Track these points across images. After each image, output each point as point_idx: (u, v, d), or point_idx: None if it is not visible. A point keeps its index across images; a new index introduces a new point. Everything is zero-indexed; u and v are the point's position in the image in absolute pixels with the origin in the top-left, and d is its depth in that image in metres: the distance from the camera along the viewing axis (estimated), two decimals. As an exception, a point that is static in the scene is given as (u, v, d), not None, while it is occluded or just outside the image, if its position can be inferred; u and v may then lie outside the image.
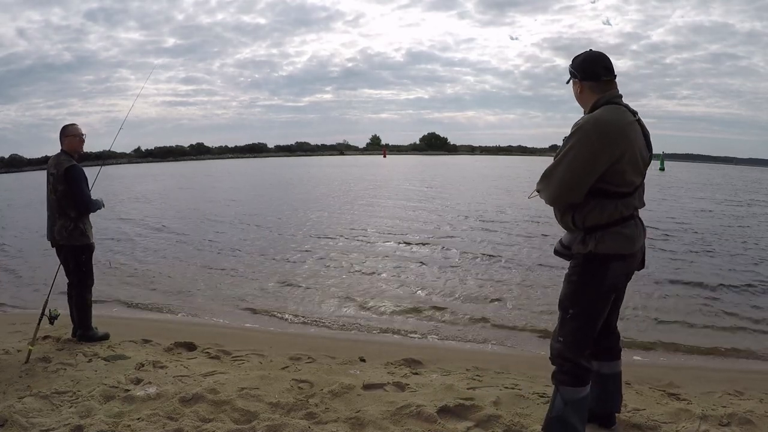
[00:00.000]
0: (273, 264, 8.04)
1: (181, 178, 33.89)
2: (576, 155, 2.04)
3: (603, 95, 2.14)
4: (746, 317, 5.40)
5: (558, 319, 2.25)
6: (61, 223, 3.95)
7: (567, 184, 2.08)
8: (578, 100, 2.26)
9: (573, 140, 2.06)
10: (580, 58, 2.22)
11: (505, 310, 5.69)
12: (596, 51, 2.22)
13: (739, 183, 32.37)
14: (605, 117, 2.06)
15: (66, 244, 3.99)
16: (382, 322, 5.36)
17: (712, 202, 18.07)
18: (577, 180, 2.06)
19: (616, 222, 2.09)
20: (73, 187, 3.89)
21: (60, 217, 3.95)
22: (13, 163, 66.98)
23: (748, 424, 2.66)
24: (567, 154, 2.07)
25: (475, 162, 62.18)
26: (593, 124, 2.05)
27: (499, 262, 8.00)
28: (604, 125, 2.03)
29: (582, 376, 2.19)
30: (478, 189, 22.43)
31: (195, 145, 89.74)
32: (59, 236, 3.97)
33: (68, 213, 3.93)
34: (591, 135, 2.02)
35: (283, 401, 2.90)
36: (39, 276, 7.52)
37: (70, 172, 3.89)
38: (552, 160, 2.19)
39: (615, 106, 2.12)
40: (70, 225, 3.94)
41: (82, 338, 4.09)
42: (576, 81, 2.23)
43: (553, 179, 2.11)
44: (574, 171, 2.05)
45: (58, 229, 3.96)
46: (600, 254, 2.09)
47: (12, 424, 2.59)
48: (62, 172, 3.88)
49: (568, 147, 2.07)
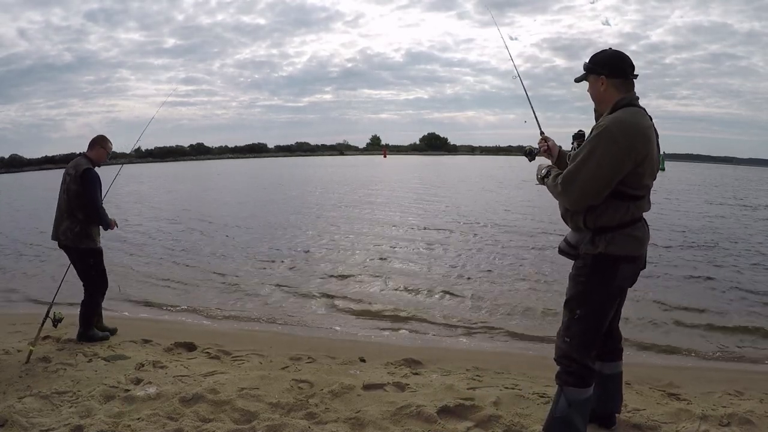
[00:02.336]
0: (272, 265, 8.03)
1: (172, 178, 33.87)
2: (600, 160, 1.98)
3: (626, 96, 2.11)
4: (746, 317, 5.39)
5: (564, 319, 2.23)
6: (67, 224, 3.95)
7: (592, 189, 2.02)
8: (597, 97, 2.19)
9: (597, 142, 2.01)
10: (605, 55, 2.16)
11: (505, 310, 5.67)
12: (618, 50, 2.17)
13: (739, 184, 32.34)
14: (630, 120, 2.03)
15: (70, 245, 3.99)
16: (382, 322, 5.35)
17: (714, 202, 18.08)
18: (603, 184, 2.01)
19: (627, 224, 2.08)
20: (87, 189, 3.92)
21: (67, 218, 3.95)
22: (13, 163, 67.01)
23: (748, 424, 2.66)
24: (590, 158, 2.01)
25: (475, 162, 62.18)
26: (619, 127, 1.99)
27: (500, 262, 8.00)
28: (630, 128, 2.00)
29: (587, 377, 2.18)
30: (479, 189, 22.42)
31: (195, 146, 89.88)
32: (64, 237, 3.97)
33: (76, 214, 3.94)
34: (618, 139, 1.98)
35: (283, 401, 2.90)
36: (39, 277, 7.53)
37: (87, 174, 3.93)
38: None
39: (637, 109, 2.10)
40: (76, 227, 3.94)
41: (82, 337, 4.09)
42: (598, 78, 2.15)
43: (577, 184, 2.04)
44: (599, 177, 2.00)
45: (63, 230, 3.97)
46: (611, 255, 2.08)
47: (12, 424, 2.59)
48: (80, 172, 3.92)
49: (591, 149, 2.01)
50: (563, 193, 2.11)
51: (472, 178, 30.85)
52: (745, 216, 14.21)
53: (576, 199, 2.09)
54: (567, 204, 2.15)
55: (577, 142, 2.60)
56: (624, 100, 2.10)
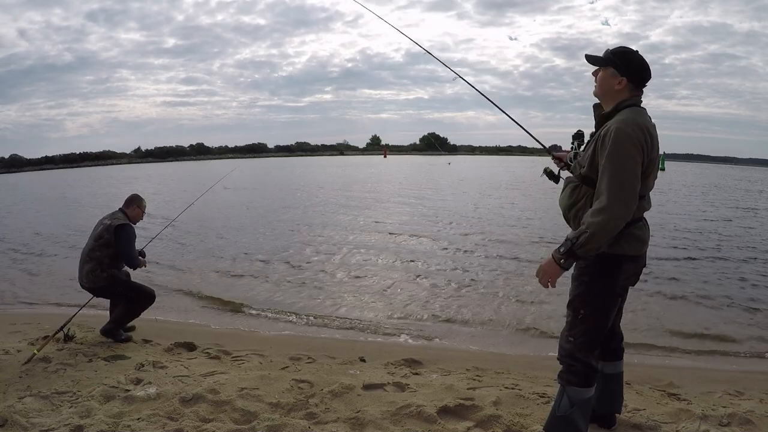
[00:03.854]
0: (271, 265, 8.02)
1: (161, 178, 33.91)
2: (624, 162, 1.94)
3: (631, 97, 2.12)
4: (747, 317, 5.40)
5: (568, 319, 2.24)
6: (90, 267, 4.10)
7: (630, 193, 1.95)
8: (607, 91, 2.15)
9: (615, 147, 1.95)
10: (634, 58, 2.12)
11: (505, 310, 5.68)
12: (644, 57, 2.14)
13: (742, 184, 32.34)
14: (638, 120, 2.03)
15: (93, 286, 4.15)
16: (382, 322, 5.36)
17: (714, 203, 18.07)
18: (636, 184, 1.97)
19: (629, 224, 2.07)
20: (122, 244, 4.12)
21: (90, 261, 4.11)
22: (14, 163, 67.01)
23: (748, 424, 2.66)
24: (615, 165, 1.95)
25: (475, 162, 62.17)
26: (633, 127, 1.97)
27: (500, 262, 7.99)
28: (640, 127, 2.00)
29: (590, 377, 2.19)
30: (480, 189, 22.42)
31: (195, 146, 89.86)
32: (86, 279, 4.14)
33: (102, 259, 4.11)
34: (633, 137, 1.95)
35: (283, 401, 2.90)
36: (40, 277, 7.54)
37: (124, 230, 4.15)
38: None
39: (640, 109, 2.11)
40: (97, 269, 4.10)
41: (106, 332, 4.18)
42: (618, 76, 2.11)
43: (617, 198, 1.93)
44: (631, 179, 1.95)
45: (86, 273, 4.12)
46: (614, 255, 2.09)
47: (12, 424, 2.59)
48: (115, 225, 4.11)
49: (609, 156, 1.96)
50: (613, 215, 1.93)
51: (483, 177, 30.86)
52: (749, 217, 14.21)
53: (625, 211, 1.95)
54: (624, 221, 1.98)
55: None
56: (629, 101, 2.11)
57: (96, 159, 75.42)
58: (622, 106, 2.09)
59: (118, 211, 4.31)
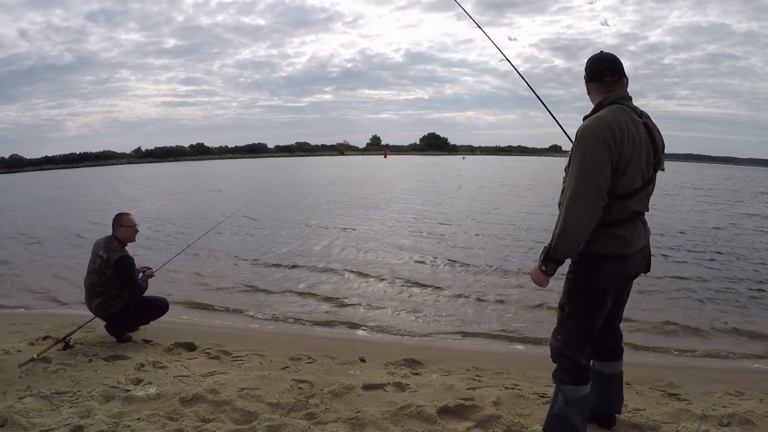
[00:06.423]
0: (271, 266, 8.03)
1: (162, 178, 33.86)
2: (585, 167, 1.98)
3: (608, 96, 2.14)
4: (747, 317, 5.40)
5: (557, 317, 2.27)
6: (100, 301, 4.06)
7: (594, 195, 1.97)
8: (590, 99, 2.26)
9: (579, 152, 2.01)
10: (589, 59, 2.23)
11: (505, 310, 5.68)
12: (605, 52, 2.21)
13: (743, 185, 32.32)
14: (606, 117, 2.03)
15: (105, 315, 4.12)
16: (382, 322, 5.36)
17: (714, 204, 18.07)
18: (601, 184, 1.98)
19: (610, 223, 2.06)
20: (125, 278, 4.06)
21: (100, 295, 4.06)
22: (14, 163, 67.06)
23: (748, 424, 2.66)
24: (578, 168, 2.00)
25: (475, 162, 62.14)
26: (591, 128, 2.01)
27: (500, 262, 7.99)
28: (604, 125, 2.00)
29: (582, 375, 2.19)
30: (480, 189, 22.41)
31: (195, 146, 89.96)
32: (97, 311, 4.10)
33: (111, 291, 4.06)
34: (597, 135, 1.98)
35: (283, 401, 2.90)
36: (41, 277, 7.54)
37: (123, 263, 4.04)
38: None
39: (619, 107, 2.10)
40: (108, 301, 4.06)
41: (112, 330, 4.21)
42: (586, 81, 2.24)
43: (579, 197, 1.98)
44: (593, 179, 1.97)
45: (96, 306, 4.08)
46: (592, 253, 2.09)
47: (12, 425, 2.59)
48: (114, 260, 4.01)
49: (575, 160, 2.02)
50: (575, 213, 1.99)
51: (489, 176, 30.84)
52: (749, 217, 14.20)
53: (588, 207, 1.99)
54: (591, 219, 2.01)
55: None
56: (606, 100, 2.13)
57: (96, 159, 75.57)
58: (602, 105, 2.13)
59: (111, 238, 4.14)
